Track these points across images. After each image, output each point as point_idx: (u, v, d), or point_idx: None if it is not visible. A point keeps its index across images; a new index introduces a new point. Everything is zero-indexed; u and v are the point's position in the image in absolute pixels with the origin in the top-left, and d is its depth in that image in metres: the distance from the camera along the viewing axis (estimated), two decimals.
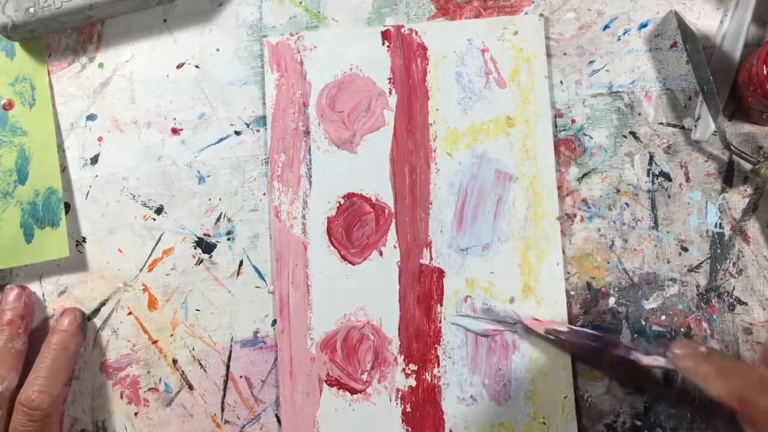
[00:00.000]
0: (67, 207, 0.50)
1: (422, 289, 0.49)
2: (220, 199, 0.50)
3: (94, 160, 0.50)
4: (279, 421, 0.49)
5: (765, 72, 0.44)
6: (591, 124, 0.49)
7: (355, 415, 0.48)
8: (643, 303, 0.48)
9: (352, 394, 0.48)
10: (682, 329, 0.48)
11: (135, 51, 0.51)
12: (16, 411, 0.44)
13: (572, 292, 0.48)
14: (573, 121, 0.49)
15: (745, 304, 0.48)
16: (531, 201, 0.49)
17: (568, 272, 0.48)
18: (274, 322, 0.49)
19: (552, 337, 0.47)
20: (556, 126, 0.49)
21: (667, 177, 0.49)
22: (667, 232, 0.49)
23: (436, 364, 0.48)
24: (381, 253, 0.49)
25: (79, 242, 0.50)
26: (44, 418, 0.44)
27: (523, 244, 0.48)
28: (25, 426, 0.44)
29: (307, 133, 0.50)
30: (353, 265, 0.49)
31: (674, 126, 0.49)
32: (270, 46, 0.50)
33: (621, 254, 0.49)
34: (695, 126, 0.48)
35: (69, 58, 0.51)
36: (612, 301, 0.48)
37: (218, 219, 0.50)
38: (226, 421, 0.49)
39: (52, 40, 0.51)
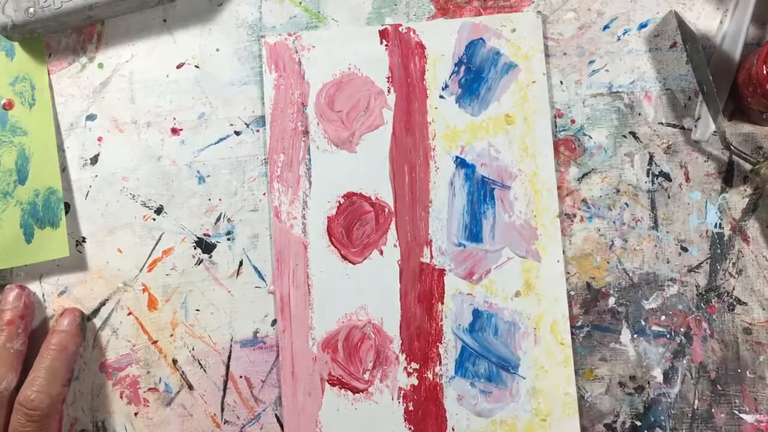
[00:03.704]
0: (67, 207, 0.50)
1: (423, 287, 0.48)
2: (220, 199, 0.50)
3: (94, 160, 0.50)
4: (279, 421, 0.48)
5: (765, 72, 0.44)
6: (591, 124, 0.49)
7: (357, 414, 0.48)
8: (643, 303, 0.48)
9: (354, 393, 0.48)
10: (682, 329, 0.48)
11: (135, 51, 0.51)
12: (15, 411, 0.44)
13: (572, 292, 0.48)
14: (573, 121, 0.49)
15: (745, 304, 0.48)
16: (531, 198, 0.49)
17: (568, 272, 0.48)
18: (274, 322, 0.49)
19: None
20: (555, 126, 0.49)
21: (667, 177, 0.49)
22: (667, 232, 0.49)
23: (437, 363, 0.48)
24: (381, 252, 0.49)
25: (78, 242, 0.50)
26: (43, 419, 0.44)
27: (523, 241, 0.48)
28: (24, 426, 0.44)
29: (306, 132, 0.50)
30: (354, 264, 0.49)
31: (674, 126, 0.49)
32: (268, 47, 0.50)
33: (621, 254, 0.49)
34: (695, 126, 0.48)
35: (69, 58, 0.51)
36: (612, 301, 0.48)
37: (218, 219, 0.50)
38: (226, 421, 0.49)
39: (52, 40, 0.51)
